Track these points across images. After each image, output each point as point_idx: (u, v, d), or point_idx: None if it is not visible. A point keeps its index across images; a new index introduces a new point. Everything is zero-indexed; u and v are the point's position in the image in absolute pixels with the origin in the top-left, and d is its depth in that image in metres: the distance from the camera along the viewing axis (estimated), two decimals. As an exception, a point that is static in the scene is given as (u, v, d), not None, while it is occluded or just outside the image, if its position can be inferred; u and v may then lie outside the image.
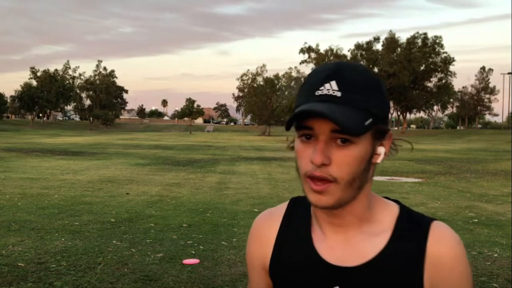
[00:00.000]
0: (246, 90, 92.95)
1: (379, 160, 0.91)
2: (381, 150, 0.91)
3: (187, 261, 5.45)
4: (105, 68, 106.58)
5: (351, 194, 0.88)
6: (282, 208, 1.06)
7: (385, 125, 0.89)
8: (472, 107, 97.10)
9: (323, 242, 0.96)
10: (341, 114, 0.81)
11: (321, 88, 0.85)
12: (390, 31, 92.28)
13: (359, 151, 0.85)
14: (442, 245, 0.91)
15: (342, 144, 0.84)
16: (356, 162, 0.85)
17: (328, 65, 0.88)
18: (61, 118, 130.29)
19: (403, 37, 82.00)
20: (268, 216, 1.06)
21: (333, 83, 0.84)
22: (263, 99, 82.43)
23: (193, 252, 5.83)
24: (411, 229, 0.93)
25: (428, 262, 0.90)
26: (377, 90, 0.87)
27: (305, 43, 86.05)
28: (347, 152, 0.84)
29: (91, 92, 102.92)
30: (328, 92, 0.84)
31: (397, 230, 0.93)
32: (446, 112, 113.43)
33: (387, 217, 0.96)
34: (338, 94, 0.84)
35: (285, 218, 1.03)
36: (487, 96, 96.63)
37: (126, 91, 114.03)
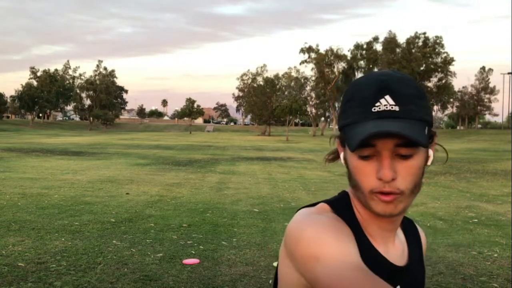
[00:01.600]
0: (246, 90, 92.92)
1: (429, 162, 0.92)
2: (431, 152, 0.93)
3: (187, 261, 5.45)
4: (105, 68, 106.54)
5: (412, 200, 0.91)
6: (330, 213, 0.97)
7: (433, 128, 0.92)
8: (472, 107, 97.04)
9: (380, 246, 0.98)
10: (409, 130, 0.82)
11: (377, 104, 0.85)
12: (390, 31, 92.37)
13: (420, 161, 0.88)
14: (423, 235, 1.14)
15: (404, 157, 0.86)
16: (418, 171, 0.88)
17: (373, 76, 0.89)
18: (61, 118, 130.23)
19: (403, 37, 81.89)
20: (330, 220, 0.96)
21: (388, 98, 0.85)
22: (263, 99, 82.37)
23: (193, 252, 5.83)
24: (409, 227, 1.09)
25: (423, 248, 1.10)
26: (424, 98, 0.89)
27: (305, 43, 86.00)
28: (410, 163, 0.86)
29: (91, 92, 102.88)
30: (386, 108, 0.85)
31: (405, 229, 1.07)
32: (446, 112, 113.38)
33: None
34: (397, 108, 0.85)
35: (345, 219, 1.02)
36: (487, 96, 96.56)
37: (126, 91, 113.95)
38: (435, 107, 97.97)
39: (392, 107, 0.84)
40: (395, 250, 0.99)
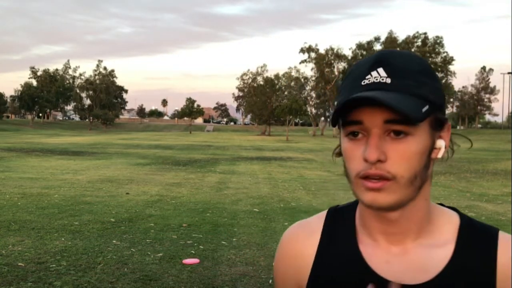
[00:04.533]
0: (246, 90, 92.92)
1: (439, 155, 0.80)
2: (441, 143, 0.80)
3: (187, 261, 5.45)
4: (105, 68, 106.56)
5: (411, 194, 0.77)
6: (318, 219, 0.93)
7: (443, 114, 0.80)
8: (472, 107, 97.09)
9: (377, 255, 0.84)
10: (395, 100, 0.71)
11: (367, 77, 0.76)
12: (391, 30, 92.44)
13: (418, 144, 0.75)
14: None
15: (397, 137, 0.74)
16: (415, 156, 0.75)
17: (372, 55, 0.79)
18: (61, 118, 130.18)
19: (403, 37, 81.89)
20: (303, 228, 0.93)
21: (381, 70, 0.75)
22: (263, 99, 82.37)
23: (193, 252, 5.83)
24: (477, 240, 0.83)
25: (500, 276, 0.80)
26: (430, 76, 0.78)
27: (305, 42, 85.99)
28: (404, 145, 0.74)
29: (91, 92, 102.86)
30: (376, 79, 0.75)
31: (461, 241, 0.83)
32: (446, 112, 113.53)
33: (447, 226, 0.84)
34: (388, 80, 0.74)
35: (325, 231, 0.91)
36: (487, 96, 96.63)
37: (126, 91, 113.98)
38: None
39: (383, 79, 0.75)
40: (406, 262, 0.82)
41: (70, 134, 61.66)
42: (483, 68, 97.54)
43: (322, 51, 79.95)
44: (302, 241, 0.91)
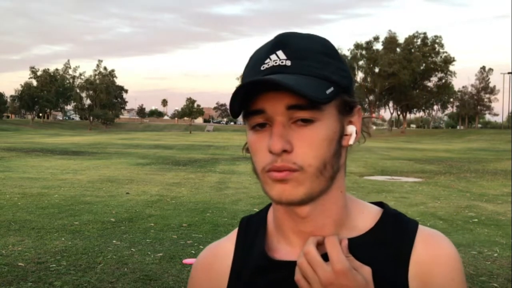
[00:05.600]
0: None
1: (351, 141, 0.74)
2: (352, 129, 0.74)
3: (187, 260, 5.45)
4: (105, 68, 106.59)
5: (322, 185, 0.70)
6: (231, 236, 0.86)
7: (351, 97, 0.74)
8: (472, 107, 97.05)
9: (287, 254, 0.77)
10: (295, 82, 0.65)
11: (266, 62, 0.70)
12: (390, 30, 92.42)
13: (325, 130, 0.69)
14: (433, 249, 0.75)
15: (303, 123, 0.68)
16: (323, 143, 0.69)
17: (272, 39, 0.74)
18: (61, 118, 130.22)
19: (402, 37, 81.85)
20: (213, 252, 0.86)
21: (280, 52, 0.70)
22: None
23: (193, 252, 5.83)
24: (392, 233, 0.77)
25: (412, 270, 0.75)
26: (333, 57, 0.72)
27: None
28: (310, 132, 0.68)
29: (91, 92, 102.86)
30: (276, 63, 0.69)
31: (375, 229, 0.77)
32: (446, 111, 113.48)
33: (365, 221, 0.78)
34: (288, 63, 0.69)
35: (238, 247, 0.83)
36: (487, 95, 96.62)
37: (126, 91, 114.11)
38: (435, 107, 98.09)
39: (282, 62, 0.69)
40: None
41: (70, 134, 61.67)
42: (483, 68, 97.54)
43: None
44: (213, 266, 0.84)
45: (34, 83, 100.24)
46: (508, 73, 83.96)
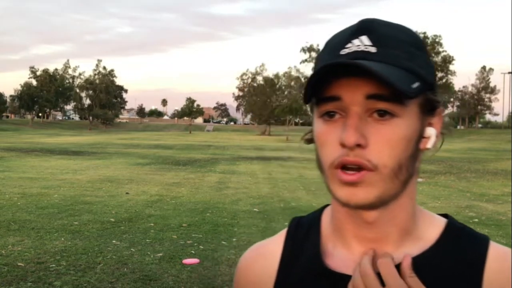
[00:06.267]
0: (246, 90, 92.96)
1: (429, 145, 0.67)
2: (431, 131, 0.67)
3: (187, 261, 5.44)
4: (104, 68, 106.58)
5: (395, 189, 0.64)
6: (278, 237, 0.80)
7: (435, 95, 0.67)
8: (472, 107, 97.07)
9: (347, 267, 0.70)
10: (383, 70, 0.59)
11: (347, 46, 0.64)
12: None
13: (405, 128, 0.62)
14: (508, 269, 0.67)
15: (381, 118, 0.62)
16: (401, 142, 0.62)
17: (355, 23, 0.67)
18: (60, 118, 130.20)
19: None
20: (259, 251, 0.80)
21: (364, 37, 0.63)
22: (263, 99, 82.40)
23: (193, 252, 5.83)
24: (461, 248, 0.69)
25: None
26: (421, 49, 0.66)
27: (307, 42, 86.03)
28: (389, 128, 0.62)
29: (90, 92, 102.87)
30: (359, 48, 0.63)
31: (441, 242, 0.70)
32: (446, 111, 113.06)
33: (431, 232, 0.71)
34: (373, 49, 0.62)
35: (286, 249, 0.77)
36: (488, 95, 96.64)
37: (126, 91, 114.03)
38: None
39: (366, 48, 0.62)
40: None
41: (70, 134, 61.65)
42: (483, 68, 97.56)
43: (322, 50, 79.86)
44: (260, 265, 0.78)
45: (34, 83, 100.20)
46: (509, 73, 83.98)
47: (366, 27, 0.64)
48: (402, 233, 0.69)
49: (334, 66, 0.60)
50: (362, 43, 0.63)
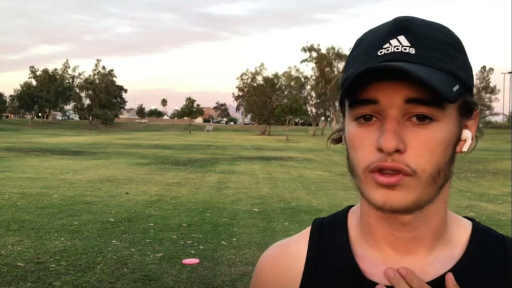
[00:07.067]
0: (246, 90, 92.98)
1: (465, 148, 0.66)
2: (467, 134, 0.66)
3: (187, 261, 5.44)
4: (104, 68, 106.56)
5: (431, 193, 0.63)
6: (301, 236, 0.78)
7: (472, 97, 0.66)
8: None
9: (380, 269, 0.69)
10: (424, 73, 0.57)
11: (385, 46, 0.62)
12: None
13: (444, 132, 0.61)
14: None
15: (420, 122, 0.60)
16: (439, 147, 0.61)
17: (388, 21, 0.65)
18: (60, 118, 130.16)
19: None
20: (283, 249, 0.78)
21: (402, 38, 0.61)
22: (263, 99, 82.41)
23: (193, 252, 5.82)
24: (490, 251, 0.70)
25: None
26: (460, 50, 0.64)
27: (307, 42, 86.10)
28: (428, 133, 0.60)
29: (90, 92, 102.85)
30: (397, 49, 0.61)
31: (470, 250, 0.70)
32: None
33: (460, 235, 0.72)
34: (412, 50, 0.60)
35: (311, 249, 0.76)
36: (488, 95, 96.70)
37: (126, 91, 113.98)
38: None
39: (405, 49, 0.61)
40: (420, 268, 0.68)
41: (70, 134, 61.65)
42: (483, 67, 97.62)
43: (323, 50, 79.99)
44: (283, 264, 0.76)
45: (34, 83, 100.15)
46: (509, 72, 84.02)
47: (403, 26, 0.62)
48: (435, 237, 0.69)
49: (377, 69, 0.58)
50: (401, 43, 0.61)
